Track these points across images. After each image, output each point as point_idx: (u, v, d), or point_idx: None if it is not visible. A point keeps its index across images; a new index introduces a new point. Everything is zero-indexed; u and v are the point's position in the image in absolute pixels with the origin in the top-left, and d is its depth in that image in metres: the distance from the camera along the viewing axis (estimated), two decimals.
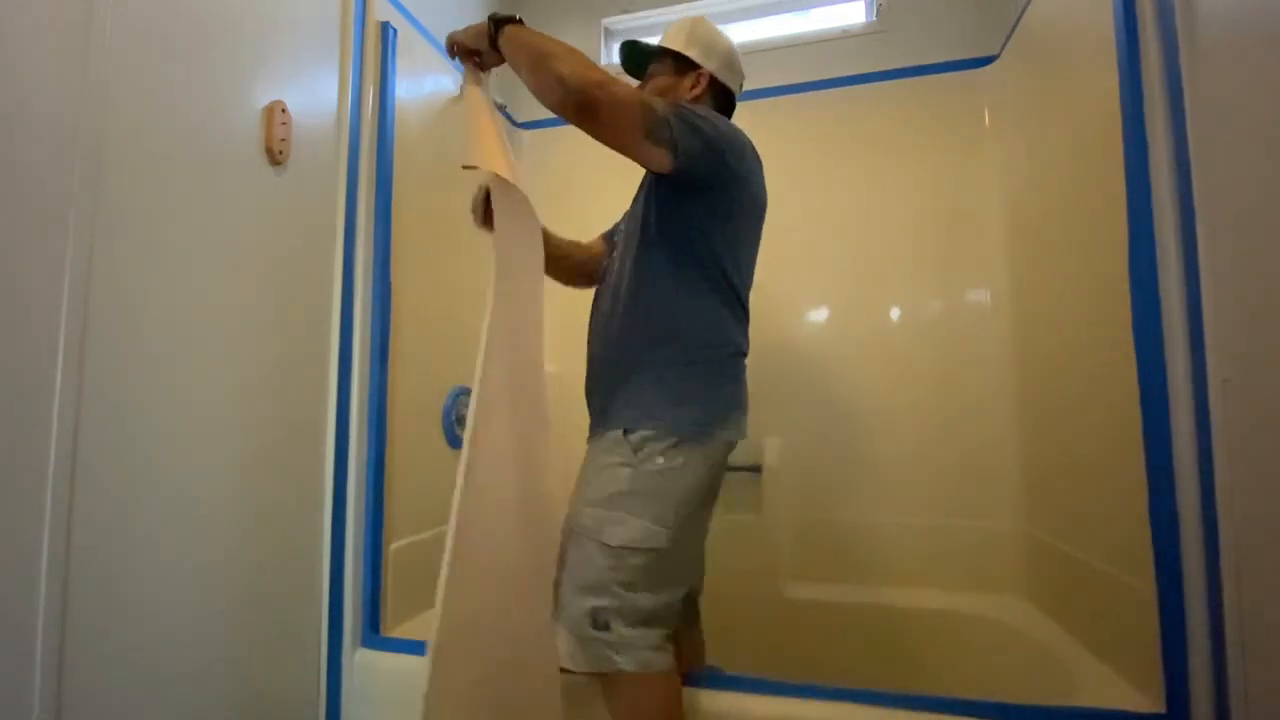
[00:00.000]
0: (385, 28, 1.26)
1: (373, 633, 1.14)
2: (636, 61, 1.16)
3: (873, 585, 1.57)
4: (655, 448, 0.92)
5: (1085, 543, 1.19)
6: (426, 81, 1.44)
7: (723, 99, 1.14)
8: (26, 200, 0.69)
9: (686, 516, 0.93)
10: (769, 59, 1.84)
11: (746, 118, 1.80)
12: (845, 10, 1.86)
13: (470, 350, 1.09)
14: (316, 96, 1.13)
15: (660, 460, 0.92)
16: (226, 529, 0.93)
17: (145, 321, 0.81)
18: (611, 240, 1.18)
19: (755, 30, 1.94)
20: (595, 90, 0.85)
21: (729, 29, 1.92)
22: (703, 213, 0.99)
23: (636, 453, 0.93)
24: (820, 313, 1.72)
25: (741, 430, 1.02)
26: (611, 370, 1.02)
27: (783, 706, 0.94)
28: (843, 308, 1.70)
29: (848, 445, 1.65)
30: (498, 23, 0.98)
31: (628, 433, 0.94)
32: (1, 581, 0.65)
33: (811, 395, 1.68)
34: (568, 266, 1.20)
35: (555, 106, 0.88)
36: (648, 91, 1.06)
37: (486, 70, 1.08)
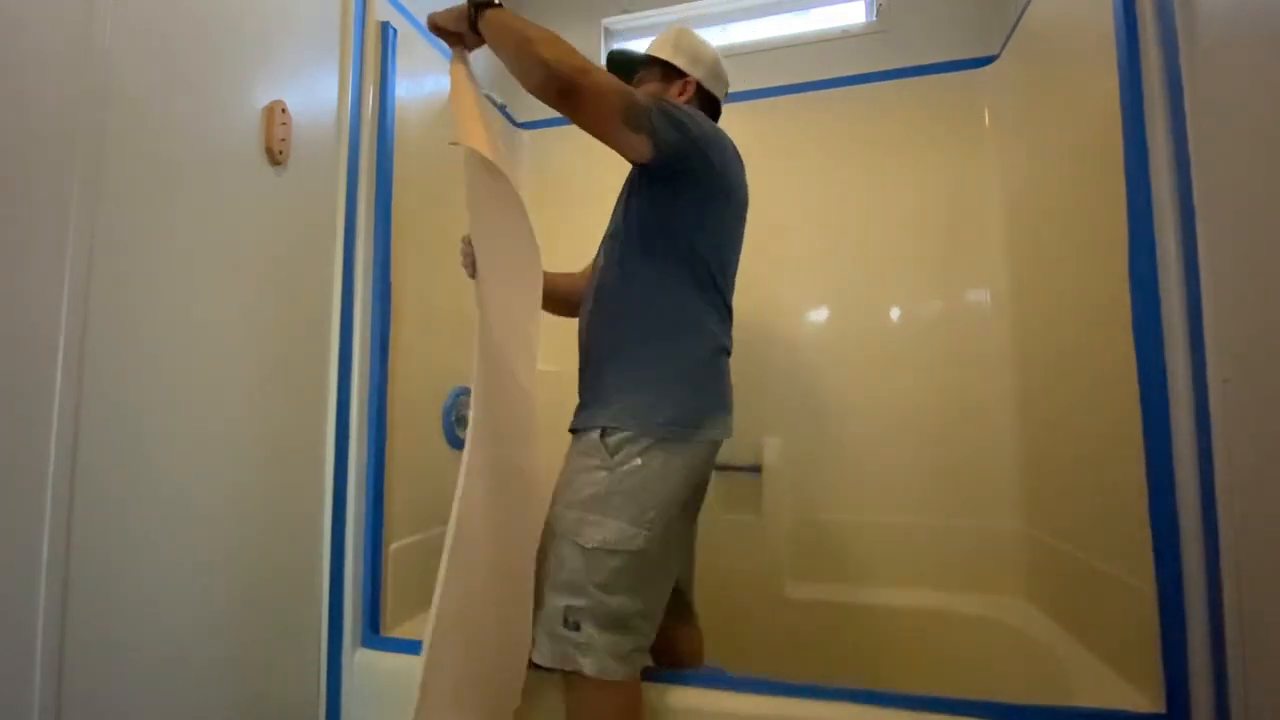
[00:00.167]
0: (385, 28, 1.26)
1: (373, 633, 1.14)
2: (624, 70, 1.16)
3: (873, 585, 1.57)
4: (632, 449, 0.92)
5: (1085, 543, 1.19)
6: (426, 81, 1.45)
7: (709, 107, 1.15)
8: (26, 200, 0.69)
9: (668, 519, 0.92)
10: (769, 59, 1.84)
11: (747, 118, 1.82)
12: (845, 10, 1.86)
13: (471, 350, 1.09)
14: (316, 96, 1.13)
15: (638, 461, 0.91)
16: (226, 529, 0.93)
17: (145, 321, 0.81)
18: None
19: (755, 30, 1.94)
20: (577, 76, 0.86)
21: (730, 29, 1.96)
22: (684, 209, 0.98)
23: (614, 455, 0.92)
24: (820, 313, 1.72)
25: (725, 430, 1.00)
26: (593, 367, 1.02)
27: (783, 706, 0.94)
28: (843, 308, 1.70)
29: (848, 445, 1.65)
30: (477, 6, 0.97)
31: (605, 435, 0.93)
32: (1, 581, 0.65)
33: (812, 395, 1.68)
34: (557, 299, 1.21)
35: (536, 90, 0.89)
36: None
37: (469, 50, 1.07)
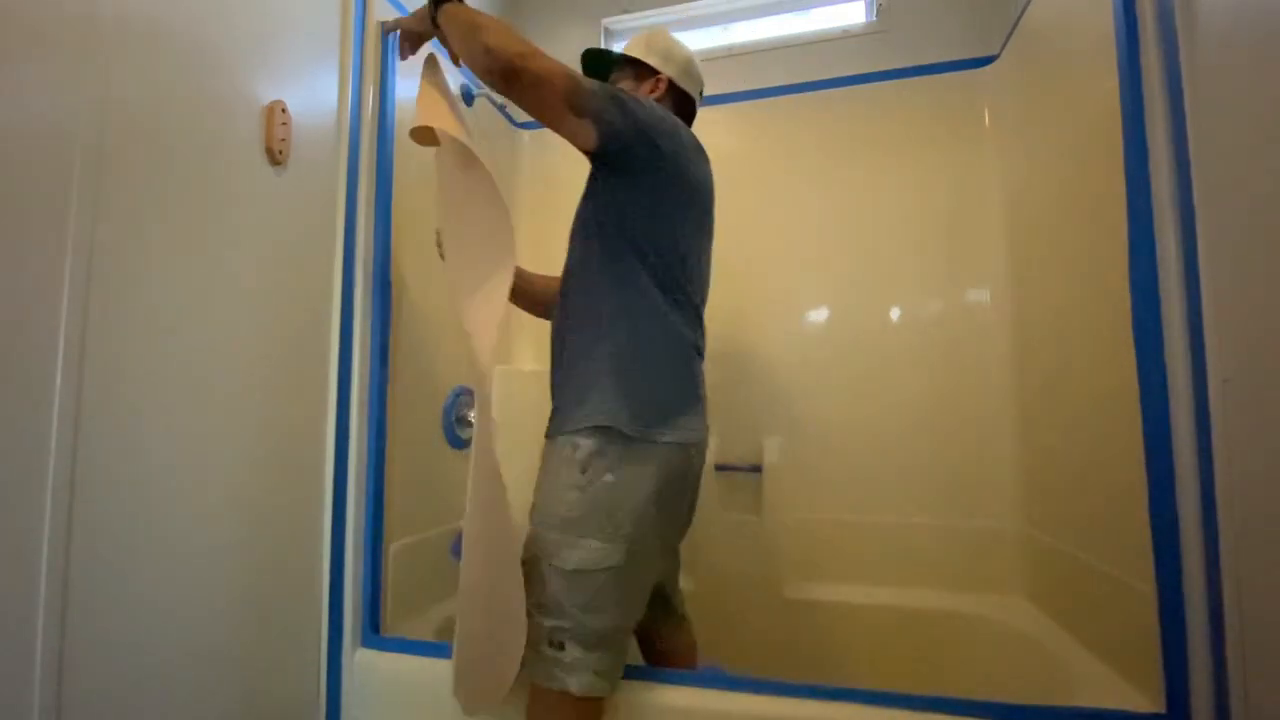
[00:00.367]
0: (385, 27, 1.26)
1: (373, 633, 1.14)
2: (599, 71, 1.17)
3: (873, 585, 1.57)
4: (602, 464, 0.90)
5: (1085, 543, 1.19)
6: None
7: (682, 105, 1.15)
8: (26, 200, 0.69)
9: (644, 528, 0.91)
10: (769, 59, 1.84)
11: (748, 118, 1.82)
12: (845, 10, 1.86)
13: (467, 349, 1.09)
14: (316, 96, 1.13)
15: (609, 477, 0.90)
16: (226, 529, 0.93)
17: (145, 321, 0.81)
18: None
19: (755, 30, 1.94)
20: (519, 60, 0.86)
21: (730, 29, 1.96)
22: (638, 203, 0.97)
23: (584, 473, 0.90)
24: (820, 312, 1.72)
25: (695, 431, 0.98)
26: (558, 371, 1.01)
27: (783, 706, 0.94)
28: (843, 308, 1.70)
29: (848, 445, 1.65)
30: (435, 2, 0.99)
31: (575, 448, 0.92)
32: (1, 582, 0.65)
33: (812, 395, 1.68)
34: (535, 301, 1.23)
35: (483, 75, 0.90)
36: None
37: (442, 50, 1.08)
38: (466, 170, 0.97)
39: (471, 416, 1.45)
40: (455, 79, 1.37)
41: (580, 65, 1.19)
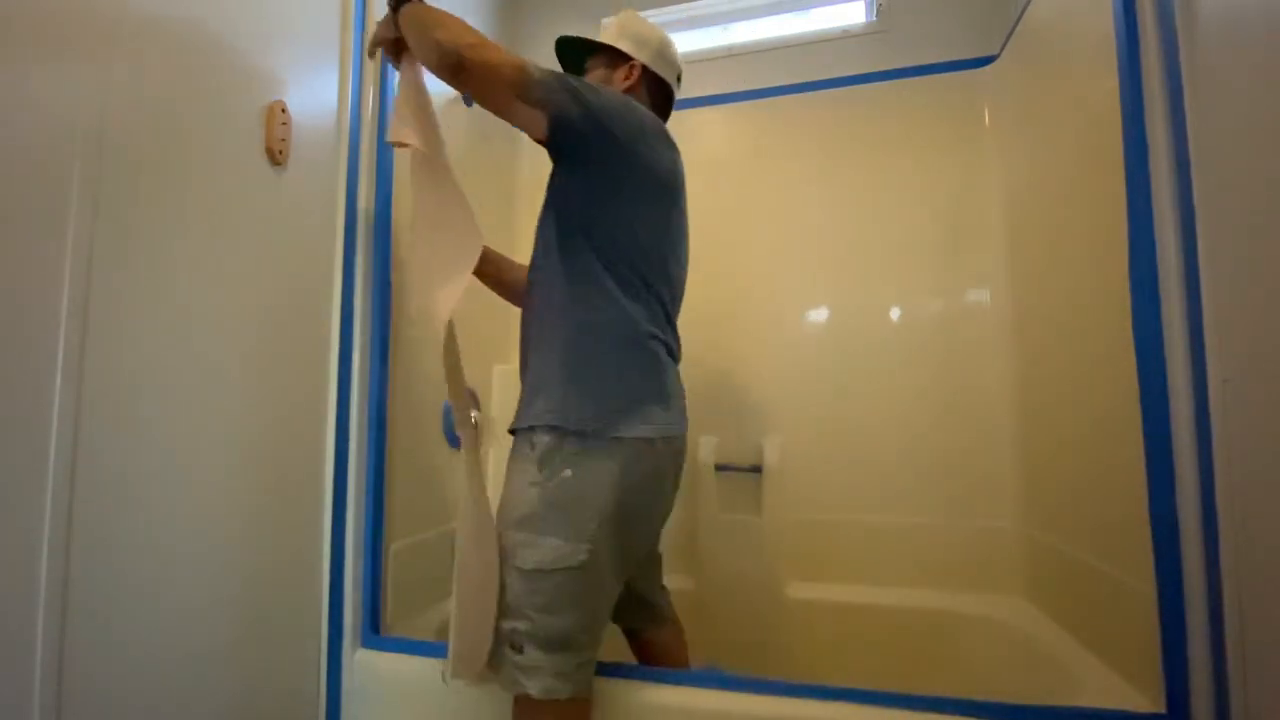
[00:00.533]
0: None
1: (373, 633, 1.14)
2: (575, 59, 1.16)
3: (873, 585, 1.57)
4: (560, 461, 0.88)
5: (1085, 543, 1.19)
6: (426, 81, 1.44)
7: (658, 91, 1.13)
8: (26, 200, 0.69)
9: (612, 529, 0.89)
10: (769, 59, 1.84)
11: (748, 117, 1.82)
12: (845, 10, 1.86)
13: (470, 350, 1.09)
14: (316, 96, 1.13)
15: (567, 473, 0.88)
16: (226, 529, 0.93)
17: (145, 321, 0.81)
18: None
19: (755, 30, 1.94)
20: (466, 51, 0.86)
21: (730, 29, 1.96)
22: (592, 192, 0.95)
23: (543, 469, 0.89)
24: (820, 313, 1.72)
25: (662, 426, 0.94)
26: (522, 366, 1.00)
27: (783, 706, 0.94)
28: (843, 308, 1.70)
29: (848, 445, 1.65)
30: (394, 6, 0.97)
31: (532, 445, 0.90)
32: (1, 581, 0.65)
33: (811, 395, 1.68)
34: (507, 288, 1.22)
35: (435, 70, 0.90)
36: None
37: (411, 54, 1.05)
38: (436, 181, 0.97)
39: (475, 416, 1.45)
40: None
41: (555, 53, 1.18)
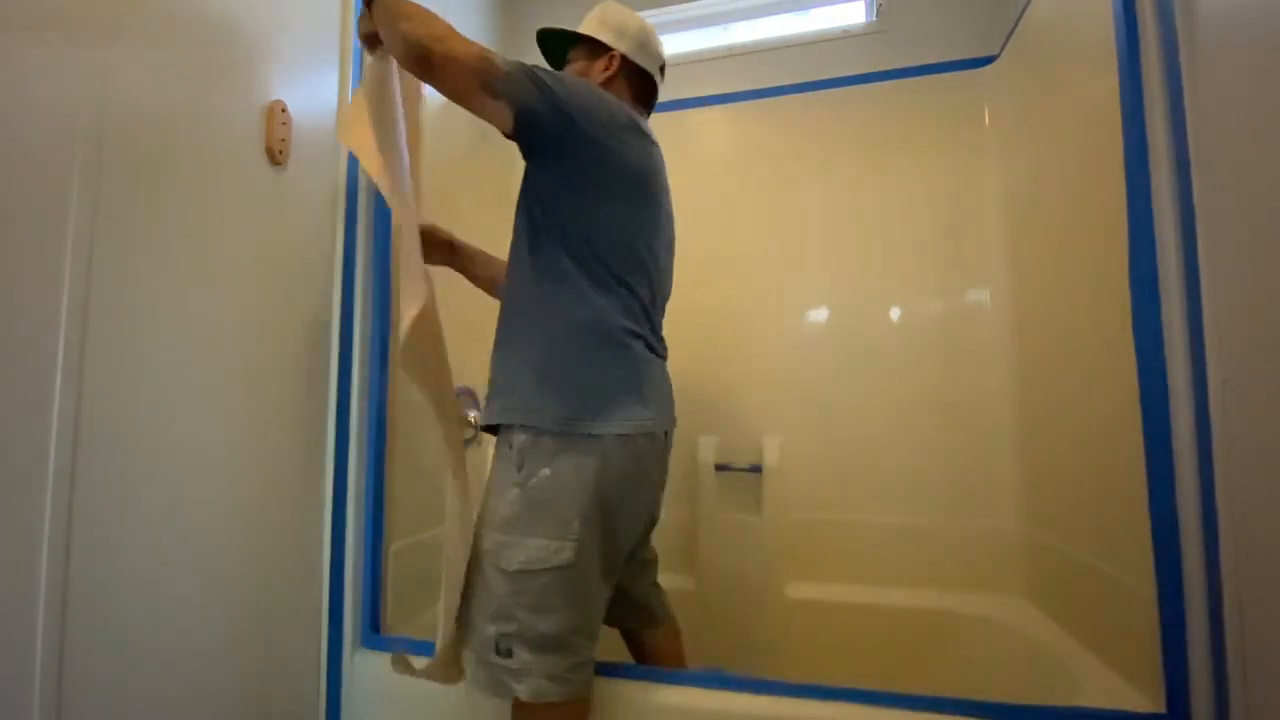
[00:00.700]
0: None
1: (373, 633, 1.14)
2: (558, 52, 1.15)
3: (873, 585, 1.57)
4: (538, 459, 0.88)
5: (1085, 543, 1.19)
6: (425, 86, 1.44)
7: (639, 82, 1.11)
8: (26, 200, 0.69)
9: (596, 526, 0.88)
10: (769, 59, 1.84)
11: (748, 117, 1.82)
12: (845, 10, 1.86)
13: (470, 350, 1.09)
14: (316, 96, 1.13)
15: (546, 471, 0.87)
16: (226, 528, 0.93)
17: (145, 321, 0.81)
18: None
19: (755, 30, 1.94)
20: (431, 43, 0.85)
21: (730, 29, 1.96)
22: (560, 186, 0.94)
23: (520, 469, 0.88)
24: (820, 312, 1.72)
25: (642, 422, 0.92)
26: (493, 358, 0.99)
27: (783, 706, 0.94)
28: (843, 308, 1.70)
29: (848, 445, 1.65)
30: (368, 1, 0.96)
31: (510, 443, 0.90)
32: (1, 581, 0.65)
33: (811, 395, 1.68)
34: (489, 283, 1.22)
35: (402, 62, 0.90)
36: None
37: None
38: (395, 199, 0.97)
39: (473, 417, 1.45)
40: None
41: (537, 47, 1.17)
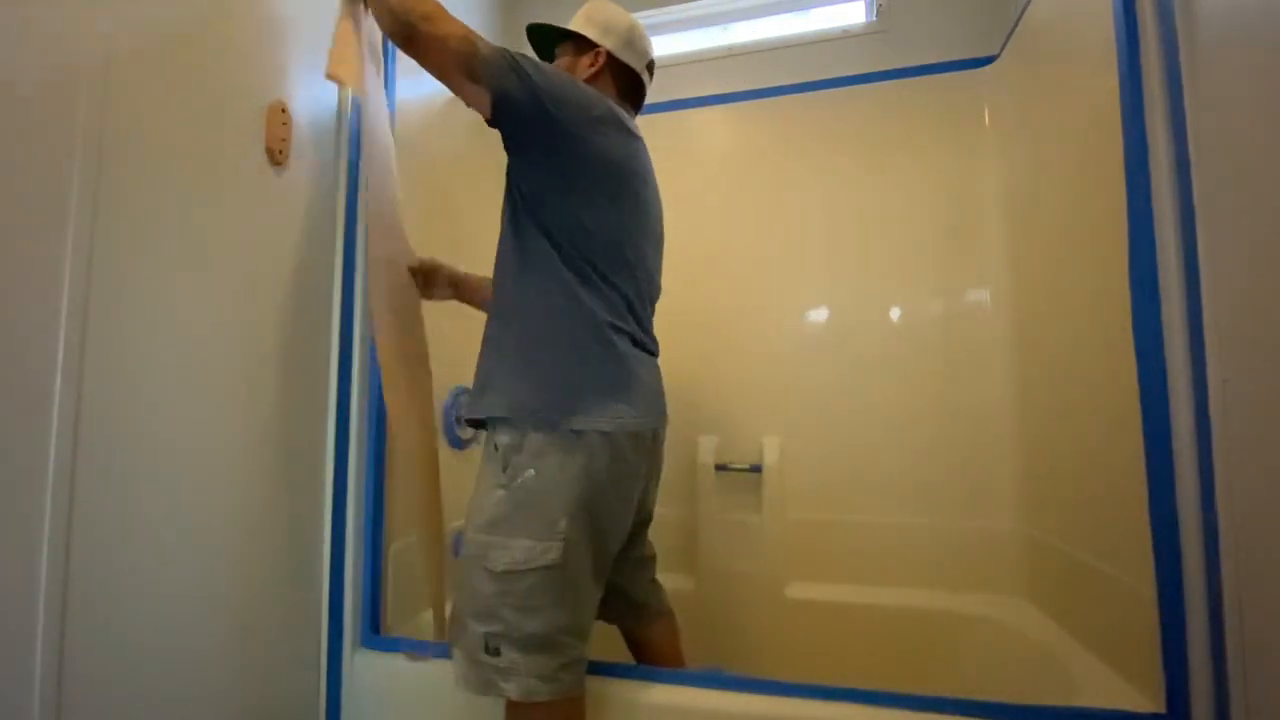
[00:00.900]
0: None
1: (373, 633, 1.14)
2: (546, 47, 1.16)
3: (873, 585, 1.57)
4: (523, 461, 0.88)
5: (1085, 543, 1.19)
6: (426, 81, 1.44)
7: (625, 79, 1.10)
8: (26, 200, 0.69)
9: (584, 524, 0.88)
10: (769, 59, 1.84)
11: (748, 117, 1.82)
12: (845, 10, 1.86)
13: (470, 350, 1.09)
14: (316, 96, 1.13)
15: (531, 471, 0.87)
16: (226, 529, 0.93)
17: (144, 321, 0.81)
18: None
19: (755, 30, 1.94)
20: (419, 22, 0.87)
21: (730, 29, 1.96)
22: (540, 178, 0.94)
23: (505, 470, 0.88)
24: (820, 312, 1.72)
25: (628, 420, 0.92)
26: (480, 353, 0.99)
27: (783, 706, 0.94)
28: (843, 307, 1.70)
29: (847, 445, 1.65)
30: None
31: (496, 446, 0.90)
32: (1, 581, 0.65)
33: (811, 395, 1.68)
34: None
35: (389, 37, 0.93)
36: None
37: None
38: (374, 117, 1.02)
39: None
40: None
41: (528, 42, 1.17)
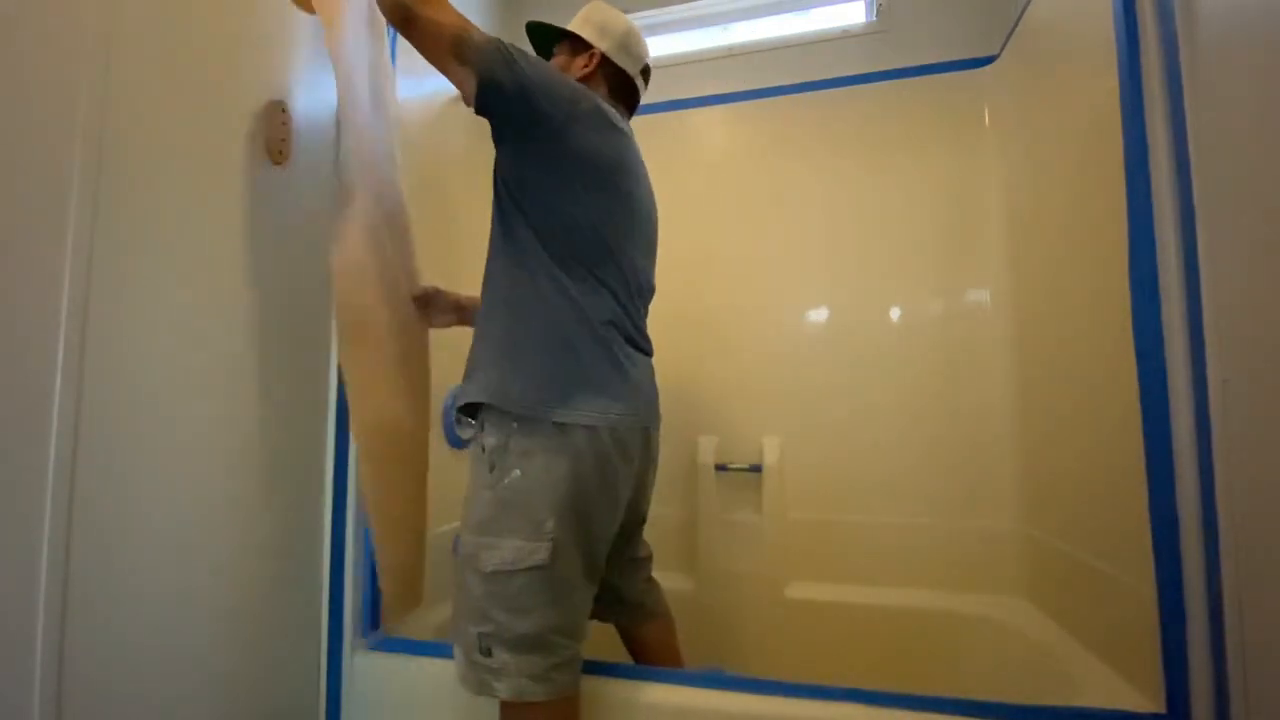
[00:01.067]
0: (385, 28, 1.26)
1: (373, 632, 1.14)
2: (545, 47, 1.16)
3: (873, 585, 1.57)
4: (509, 462, 0.88)
5: (1085, 543, 1.19)
6: (426, 81, 1.45)
7: (618, 82, 1.11)
8: (26, 200, 0.69)
9: (573, 524, 0.88)
10: (769, 59, 1.84)
11: (748, 117, 1.82)
12: (845, 10, 1.86)
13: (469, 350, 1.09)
14: (316, 96, 1.13)
15: (517, 472, 0.87)
16: (226, 528, 0.93)
17: (144, 321, 0.81)
18: None
19: (755, 30, 1.94)
20: (417, 5, 0.89)
21: (730, 29, 1.96)
22: (523, 166, 0.94)
23: (492, 471, 0.89)
24: (820, 312, 1.72)
25: (615, 415, 0.91)
26: (471, 345, 0.99)
27: (783, 706, 0.94)
28: (843, 307, 1.70)
29: (847, 445, 1.65)
30: None
31: (484, 448, 0.90)
32: (1, 581, 0.65)
33: (811, 395, 1.68)
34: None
35: (387, 18, 0.93)
36: None
37: None
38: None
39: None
40: None
41: (528, 40, 1.18)
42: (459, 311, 1.19)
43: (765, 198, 1.79)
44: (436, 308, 1.16)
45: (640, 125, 1.14)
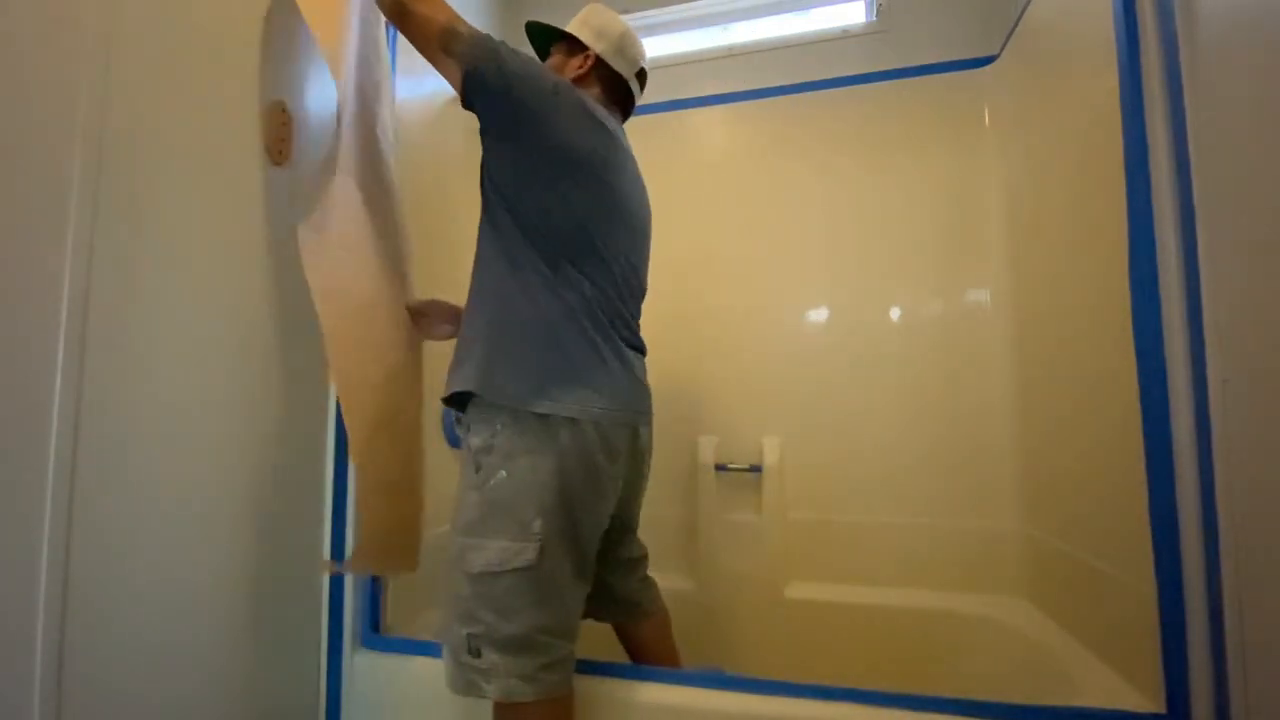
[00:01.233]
0: (386, 28, 1.26)
1: (373, 633, 1.14)
2: (543, 47, 1.17)
3: (873, 585, 1.57)
4: (495, 463, 0.88)
5: (1085, 543, 1.19)
6: (426, 81, 1.45)
7: (613, 86, 1.11)
8: (26, 200, 0.69)
9: (560, 523, 0.88)
10: (769, 59, 1.84)
11: (748, 117, 1.82)
12: (845, 10, 1.86)
13: None
14: (316, 96, 1.13)
15: (502, 473, 0.87)
16: (226, 529, 0.93)
17: (145, 322, 0.81)
18: None
19: (755, 30, 1.94)
20: (409, 0, 0.94)
21: (730, 29, 1.96)
22: (507, 160, 0.95)
23: (478, 472, 0.89)
24: (820, 312, 1.72)
25: (600, 410, 0.91)
26: (458, 337, 1.00)
27: (783, 706, 0.94)
28: (843, 307, 1.70)
29: (848, 445, 1.65)
30: None
31: (471, 449, 0.90)
32: (1, 581, 0.65)
33: (811, 395, 1.68)
34: None
35: (381, 9, 0.98)
36: None
37: None
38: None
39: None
40: None
41: (527, 40, 1.18)
42: (457, 322, 1.18)
43: (765, 198, 1.79)
44: (434, 318, 1.15)
45: (640, 125, 1.15)
